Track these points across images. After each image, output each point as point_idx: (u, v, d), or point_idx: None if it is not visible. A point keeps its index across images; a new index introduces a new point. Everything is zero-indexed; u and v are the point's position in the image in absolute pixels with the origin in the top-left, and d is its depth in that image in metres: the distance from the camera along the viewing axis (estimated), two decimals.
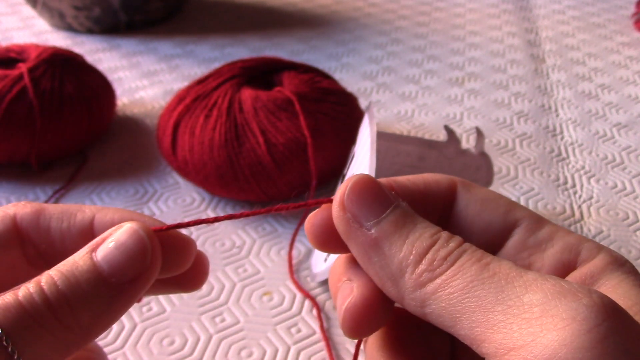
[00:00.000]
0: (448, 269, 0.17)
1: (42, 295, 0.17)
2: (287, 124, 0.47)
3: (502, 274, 0.16)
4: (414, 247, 0.18)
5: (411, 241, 0.18)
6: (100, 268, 0.18)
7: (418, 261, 0.17)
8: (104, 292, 0.18)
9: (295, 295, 0.42)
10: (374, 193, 0.19)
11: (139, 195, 0.52)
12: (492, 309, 0.16)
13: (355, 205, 0.18)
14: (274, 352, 0.38)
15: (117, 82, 0.70)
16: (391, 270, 0.18)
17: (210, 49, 0.81)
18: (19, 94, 0.51)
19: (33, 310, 0.17)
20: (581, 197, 0.53)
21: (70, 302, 0.17)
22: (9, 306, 0.17)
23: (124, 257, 0.18)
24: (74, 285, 0.18)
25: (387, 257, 0.18)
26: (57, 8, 0.82)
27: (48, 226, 0.20)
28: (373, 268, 0.18)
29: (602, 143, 0.61)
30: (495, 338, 0.15)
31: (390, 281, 0.18)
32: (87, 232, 0.21)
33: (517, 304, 0.15)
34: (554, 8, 0.97)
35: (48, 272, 0.18)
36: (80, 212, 0.21)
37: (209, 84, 0.51)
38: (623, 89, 0.72)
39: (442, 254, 0.17)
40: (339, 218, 0.19)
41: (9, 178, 0.53)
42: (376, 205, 0.18)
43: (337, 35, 0.86)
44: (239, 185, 0.47)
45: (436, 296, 0.17)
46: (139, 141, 0.60)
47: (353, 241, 0.19)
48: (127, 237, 0.19)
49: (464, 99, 0.69)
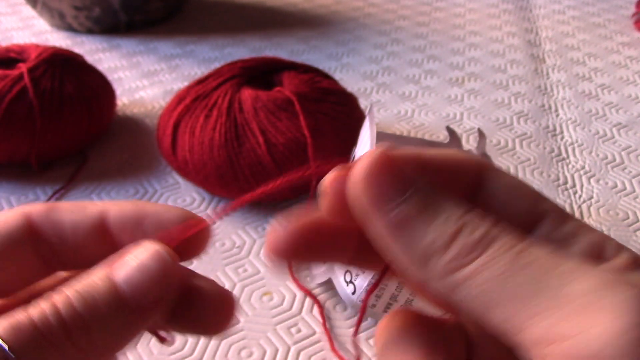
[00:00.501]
0: (480, 255, 0.16)
1: (56, 315, 0.16)
2: (287, 124, 0.47)
3: (541, 261, 0.15)
4: (441, 230, 0.16)
5: (438, 224, 0.16)
6: (119, 289, 0.17)
7: (446, 246, 0.16)
8: (121, 315, 0.17)
9: (295, 295, 0.42)
10: (396, 170, 0.17)
11: (139, 195, 0.52)
12: (532, 298, 0.15)
13: (377, 183, 0.17)
14: (274, 352, 0.38)
15: (117, 82, 0.70)
16: (416, 255, 0.16)
17: (210, 49, 0.81)
18: (19, 94, 0.51)
19: (47, 331, 0.16)
20: (581, 197, 0.53)
21: (86, 324, 0.17)
22: (21, 325, 0.16)
23: (145, 280, 0.18)
24: (91, 306, 0.17)
25: (411, 241, 0.16)
26: (57, 8, 0.82)
27: (60, 219, 0.20)
28: (394, 251, 0.17)
29: (602, 143, 0.61)
30: (536, 329, 0.15)
31: (414, 266, 0.17)
32: (99, 223, 0.20)
33: (559, 294, 0.15)
34: (554, 8, 0.97)
35: (64, 291, 0.17)
36: (91, 205, 0.20)
37: (209, 84, 0.51)
38: (623, 89, 0.72)
39: (473, 239, 0.16)
40: (357, 197, 0.17)
41: (9, 178, 0.53)
42: (399, 183, 0.17)
43: (337, 35, 0.86)
44: (239, 185, 0.47)
45: (467, 284, 0.16)
46: (139, 141, 0.60)
47: (372, 223, 0.17)
48: (149, 258, 0.18)
49: (464, 99, 0.69)
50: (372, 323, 0.40)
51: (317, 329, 0.40)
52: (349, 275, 0.37)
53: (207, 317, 0.20)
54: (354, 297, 0.37)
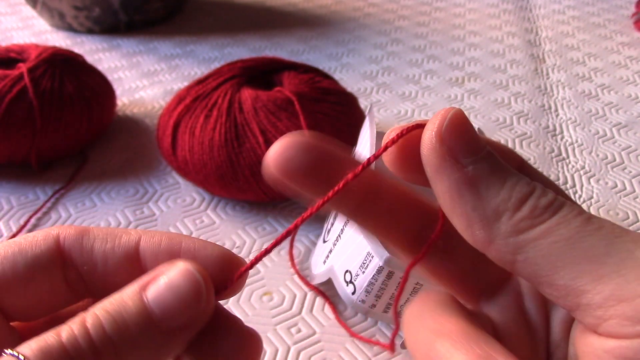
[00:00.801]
0: (551, 217, 0.16)
1: (86, 338, 0.16)
2: (287, 124, 0.47)
3: (610, 228, 0.16)
4: (513, 191, 0.17)
5: (510, 185, 0.17)
6: (150, 310, 0.17)
7: (518, 207, 0.17)
8: (152, 337, 0.17)
9: (295, 295, 0.42)
10: (471, 131, 0.17)
11: (139, 195, 0.52)
12: (602, 260, 0.15)
13: (454, 138, 0.17)
14: (274, 352, 0.38)
15: (117, 82, 0.70)
16: (485, 212, 0.17)
17: (210, 49, 0.81)
18: (19, 94, 0.51)
19: (76, 355, 0.16)
20: (581, 197, 0.53)
21: (116, 346, 0.16)
22: (51, 349, 0.16)
23: (177, 300, 0.17)
24: (121, 328, 0.16)
25: (483, 198, 0.17)
26: (57, 8, 0.82)
27: (91, 247, 0.19)
28: (463, 207, 0.17)
29: (602, 143, 0.61)
30: (604, 289, 0.15)
31: (480, 223, 0.17)
32: (131, 254, 0.19)
33: (631, 257, 0.15)
34: (554, 8, 0.97)
35: (94, 311, 0.17)
36: (125, 234, 0.19)
37: (209, 84, 0.51)
38: (623, 89, 0.72)
39: (544, 202, 0.17)
40: (432, 150, 0.17)
41: (9, 178, 0.53)
42: (474, 143, 0.17)
43: (337, 35, 0.86)
44: (239, 185, 0.47)
45: (536, 243, 0.16)
46: (139, 141, 0.60)
47: (445, 176, 0.17)
48: (181, 278, 0.17)
49: (464, 99, 0.69)
50: (372, 323, 0.40)
51: (317, 329, 0.40)
52: (349, 275, 0.37)
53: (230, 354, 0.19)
54: (354, 297, 0.37)
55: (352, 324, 0.40)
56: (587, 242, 0.16)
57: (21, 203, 0.51)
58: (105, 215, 0.49)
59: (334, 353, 0.38)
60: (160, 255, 0.19)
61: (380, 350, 0.38)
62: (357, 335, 0.39)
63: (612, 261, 0.15)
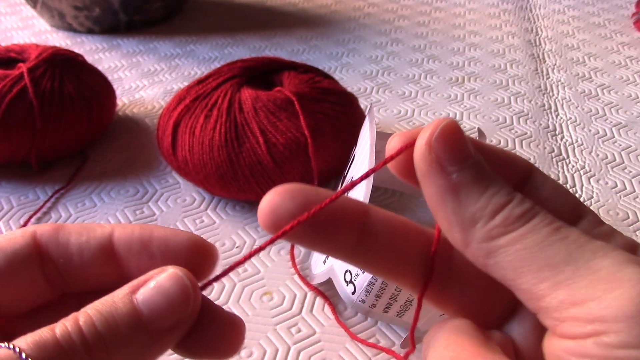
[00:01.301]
0: (521, 227, 0.18)
1: (79, 334, 0.17)
2: (287, 124, 0.47)
3: (573, 238, 0.17)
4: (490, 200, 0.18)
5: (489, 194, 0.18)
6: (140, 312, 0.18)
7: (492, 215, 0.18)
8: (141, 337, 0.18)
9: (295, 295, 0.42)
10: (460, 141, 0.19)
11: (139, 195, 0.52)
12: (561, 267, 0.17)
13: (442, 147, 0.19)
14: (274, 352, 0.38)
15: (117, 82, 0.70)
16: (463, 217, 0.18)
17: (210, 49, 0.81)
18: (19, 94, 0.51)
19: (70, 350, 0.16)
20: (581, 197, 0.53)
21: (107, 345, 0.17)
22: (45, 342, 0.16)
23: (166, 303, 0.18)
24: (112, 327, 0.17)
25: (462, 205, 0.18)
26: (57, 8, 0.82)
27: (67, 241, 0.20)
28: (444, 211, 0.19)
29: (602, 143, 0.61)
30: (560, 294, 0.17)
31: (459, 227, 0.18)
32: (106, 245, 0.20)
33: (586, 266, 0.17)
34: (554, 8, 0.97)
35: (86, 310, 0.18)
36: (99, 227, 0.20)
37: (209, 84, 0.51)
38: (623, 89, 0.72)
39: (517, 212, 0.18)
40: (422, 157, 0.19)
41: (9, 178, 0.53)
42: (460, 152, 0.19)
43: (337, 35, 0.86)
44: (239, 185, 0.47)
45: (505, 249, 0.18)
46: (139, 141, 0.60)
47: (431, 182, 0.19)
48: (170, 282, 0.18)
49: (464, 99, 0.69)
50: (372, 323, 0.40)
51: (317, 329, 0.40)
52: (349, 275, 0.37)
53: (214, 343, 0.20)
54: (354, 297, 0.37)
55: (352, 324, 0.40)
56: (550, 251, 0.17)
57: (21, 203, 0.51)
58: (105, 215, 0.49)
59: (334, 353, 0.38)
60: (133, 244, 0.20)
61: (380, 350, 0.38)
62: (359, 338, 0.39)
63: (569, 269, 0.17)
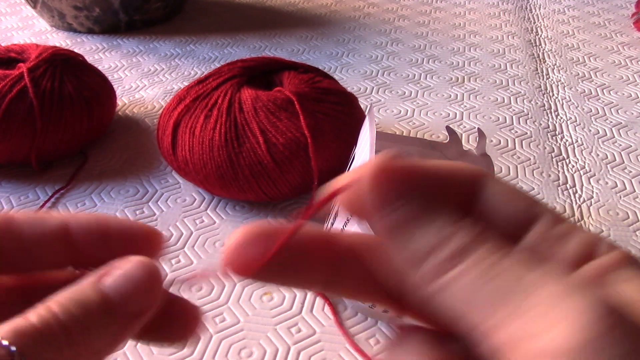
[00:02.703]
0: (458, 265, 0.17)
1: (55, 318, 0.17)
2: (287, 124, 0.47)
3: (510, 271, 0.17)
4: (430, 237, 0.17)
5: (428, 231, 0.17)
6: (110, 297, 0.18)
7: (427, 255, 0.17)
8: (112, 321, 0.18)
9: (295, 295, 0.42)
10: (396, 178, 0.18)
11: (139, 195, 0.52)
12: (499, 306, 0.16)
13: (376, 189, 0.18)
14: (274, 352, 0.38)
15: (117, 82, 0.70)
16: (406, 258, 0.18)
17: (210, 49, 0.81)
18: (19, 94, 0.51)
19: (49, 333, 0.17)
20: (581, 197, 0.53)
21: (85, 328, 0.18)
22: (23, 329, 0.17)
23: (133, 289, 0.19)
24: (87, 311, 0.18)
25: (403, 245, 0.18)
26: (57, 8, 0.82)
27: (20, 231, 0.20)
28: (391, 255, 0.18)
29: (602, 143, 0.61)
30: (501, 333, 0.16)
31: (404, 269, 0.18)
32: (61, 236, 0.20)
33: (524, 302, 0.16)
34: (554, 8, 0.97)
35: (56, 298, 0.18)
36: (51, 217, 0.21)
37: (209, 83, 0.51)
38: (623, 89, 0.72)
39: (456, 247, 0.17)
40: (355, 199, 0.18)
41: (9, 178, 0.53)
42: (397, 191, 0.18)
43: (337, 35, 0.86)
44: (239, 185, 0.47)
45: (445, 291, 0.17)
46: (139, 141, 0.60)
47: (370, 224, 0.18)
48: (135, 269, 0.19)
49: (464, 99, 0.69)
50: (372, 323, 0.40)
51: (317, 329, 0.40)
52: None
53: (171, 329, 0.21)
54: None
55: (352, 324, 0.40)
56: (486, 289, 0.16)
57: (21, 203, 0.51)
58: None
59: (334, 353, 0.38)
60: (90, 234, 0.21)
61: (380, 350, 0.38)
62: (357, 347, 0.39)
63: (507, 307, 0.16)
